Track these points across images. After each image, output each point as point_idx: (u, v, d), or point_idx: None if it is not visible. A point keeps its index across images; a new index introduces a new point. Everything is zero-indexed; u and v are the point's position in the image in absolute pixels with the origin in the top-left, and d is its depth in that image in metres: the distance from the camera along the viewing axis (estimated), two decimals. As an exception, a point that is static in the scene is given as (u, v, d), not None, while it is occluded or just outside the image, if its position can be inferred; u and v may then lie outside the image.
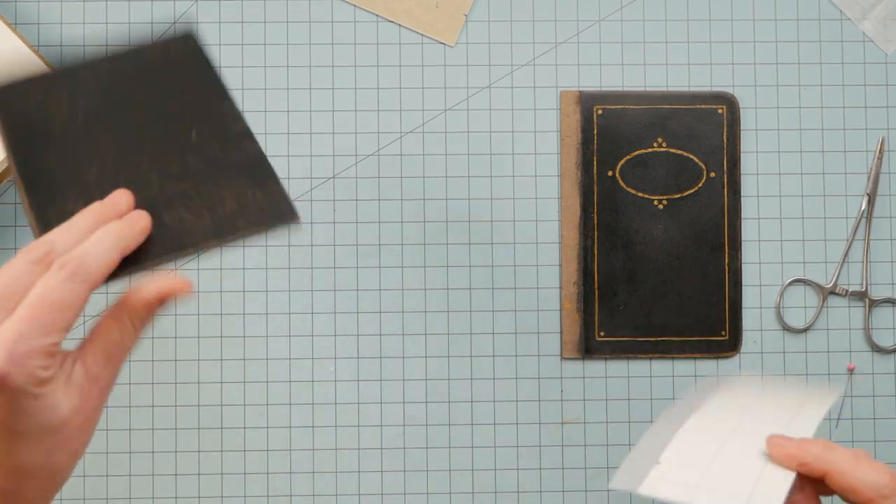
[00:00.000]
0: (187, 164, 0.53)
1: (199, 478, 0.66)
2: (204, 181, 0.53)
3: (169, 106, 0.54)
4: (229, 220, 0.53)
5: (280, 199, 0.53)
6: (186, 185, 0.53)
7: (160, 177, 0.53)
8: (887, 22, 0.69)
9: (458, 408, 0.67)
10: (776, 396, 0.50)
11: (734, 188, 0.68)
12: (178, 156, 0.54)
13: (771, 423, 0.48)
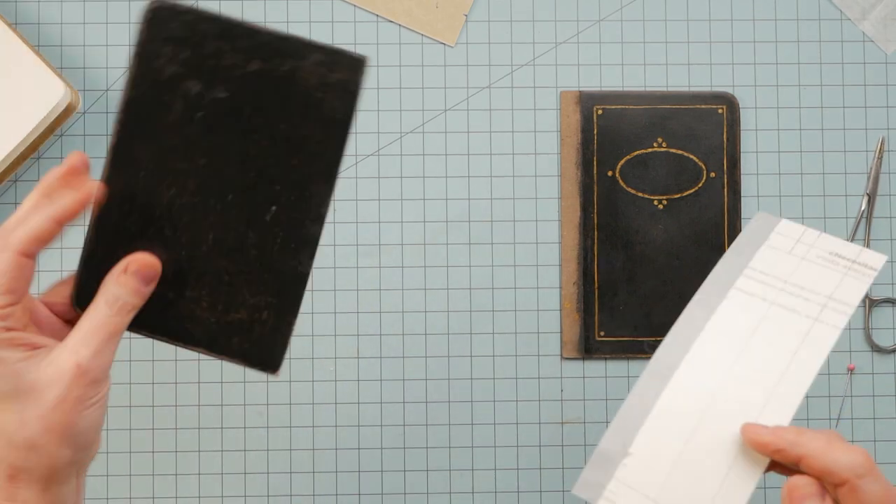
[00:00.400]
0: (244, 243, 0.50)
1: (199, 478, 0.66)
2: (242, 271, 0.51)
3: (277, 157, 0.50)
4: (228, 333, 0.51)
5: (279, 343, 0.51)
6: (228, 265, 0.50)
7: (214, 242, 0.50)
8: (887, 22, 0.69)
9: (458, 408, 0.67)
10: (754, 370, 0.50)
11: (734, 188, 0.68)
12: (243, 227, 0.50)
13: (746, 403, 0.48)
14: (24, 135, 0.62)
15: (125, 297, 0.47)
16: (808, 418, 0.68)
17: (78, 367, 0.45)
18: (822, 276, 0.52)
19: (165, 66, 0.49)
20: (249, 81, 0.49)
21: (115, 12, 0.68)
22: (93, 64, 0.67)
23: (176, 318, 0.50)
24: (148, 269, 0.48)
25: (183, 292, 0.50)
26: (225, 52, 0.49)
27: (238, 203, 0.50)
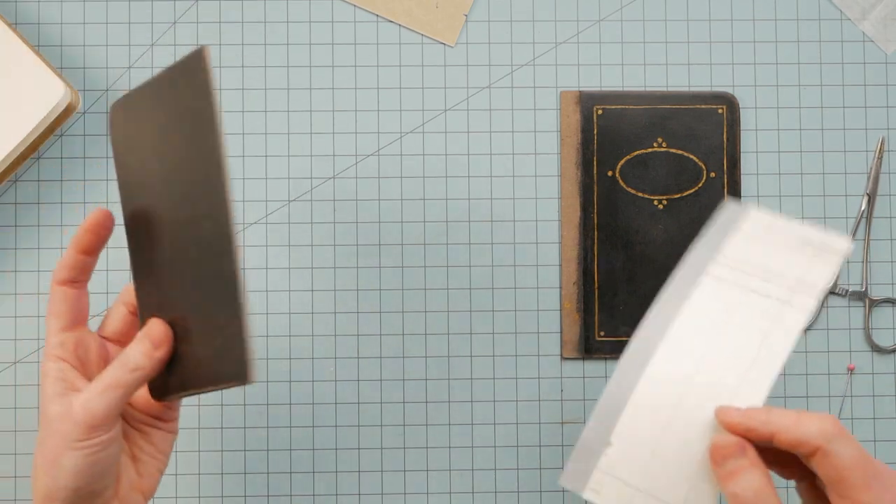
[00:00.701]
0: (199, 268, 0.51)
1: (199, 478, 0.66)
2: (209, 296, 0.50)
3: (185, 167, 0.50)
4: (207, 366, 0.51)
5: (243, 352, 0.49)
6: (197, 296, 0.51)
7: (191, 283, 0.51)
8: (887, 22, 0.69)
9: (458, 408, 0.67)
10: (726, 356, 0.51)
11: (734, 188, 0.68)
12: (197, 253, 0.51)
13: (719, 388, 0.49)
14: (24, 135, 0.62)
15: (133, 356, 0.51)
16: (808, 418, 0.68)
17: (71, 408, 0.49)
18: (792, 261, 0.52)
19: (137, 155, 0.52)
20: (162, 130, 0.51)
21: (115, 12, 0.68)
22: (93, 64, 0.67)
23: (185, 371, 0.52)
24: (156, 332, 0.51)
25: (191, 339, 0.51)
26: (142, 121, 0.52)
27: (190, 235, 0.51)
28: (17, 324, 0.66)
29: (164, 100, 0.50)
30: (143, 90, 0.51)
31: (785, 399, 0.68)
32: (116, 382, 0.50)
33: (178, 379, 0.52)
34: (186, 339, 0.51)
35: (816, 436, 0.45)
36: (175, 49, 0.67)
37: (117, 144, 0.53)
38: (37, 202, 0.67)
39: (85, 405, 0.49)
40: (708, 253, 0.54)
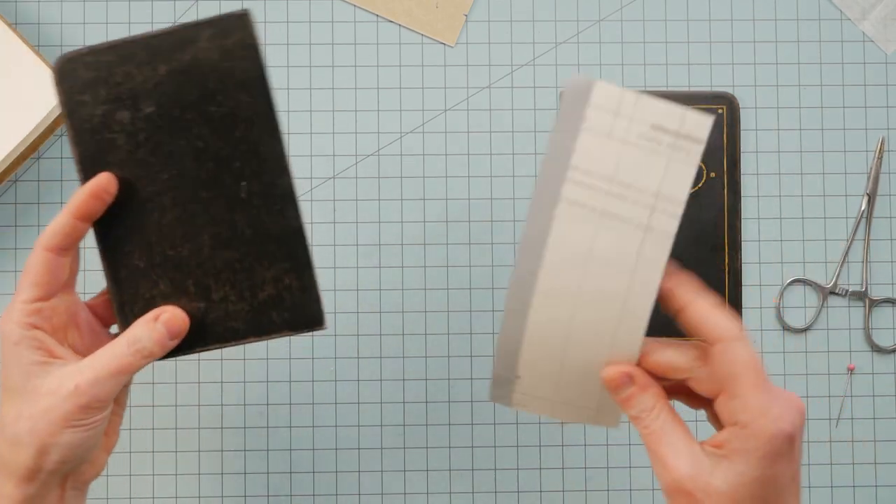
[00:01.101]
0: (236, 228, 0.52)
1: (199, 478, 0.66)
2: (248, 253, 0.53)
3: (222, 137, 0.52)
4: (265, 312, 0.53)
5: (312, 298, 0.53)
6: (233, 254, 0.52)
7: (212, 239, 0.52)
8: (887, 22, 0.69)
9: (458, 408, 0.67)
10: (598, 295, 0.51)
11: (734, 188, 0.68)
12: (228, 214, 0.52)
13: (598, 328, 0.50)
14: (24, 135, 0.62)
15: (147, 342, 0.50)
16: (808, 418, 0.68)
17: (76, 388, 0.47)
18: (647, 165, 0.49)
19: (93, 110, 0.51)
20: (166, 85, 0.51)
21: (115, 12, 0.68)
22: (93, 64, 0.67)
23: (217, 323, 0.53)
24: (177, 322, 0.51)
25: (210, 297, 0.52)
26: (132, 72, 0.52)
27: (212, 196, 0.52)
28: (17, 324, 0.66)
29: (170, 57, 0.51)
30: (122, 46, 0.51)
31: (785, 399, 0.68)
32: (127, 367, 0.49)
33: (203, 334, 0.52)
34: (196, 297, 0.52)
35: (725, 329, 0.47)
36: (175, 49, 0.67)
37: (77, 103, 0.51)
38: (37, 202, 0.67)
39: (93, 387, 0.48)
40: (559, 167, 0.51)
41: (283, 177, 0.52)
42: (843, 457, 0.68)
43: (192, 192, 0.52)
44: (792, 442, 0.46)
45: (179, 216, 0.52)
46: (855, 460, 0.68)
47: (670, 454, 0.47)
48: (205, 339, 0.53)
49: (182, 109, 0.52)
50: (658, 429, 0.48)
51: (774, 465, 0.45)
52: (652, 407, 0.48)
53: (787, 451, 0.45)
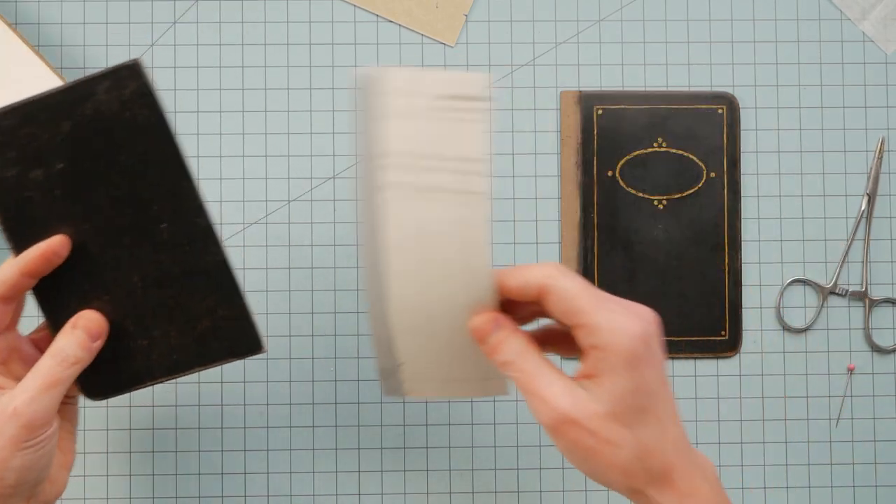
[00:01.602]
0: (163, 267, 0.54)
1: (199, 478, 0.66)
2: (179, 289, 0.55)
3: (136, 183, 0.53)
4: (206, 343, 0.55)
5: (248, 325, 0.55)
6: (166, 292, 0.55)
7: (143, 282, 0.54)
8: (887, 22, 0.69)
9: (457, 407, 0.67)
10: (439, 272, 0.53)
11: (734, 188, 0.68)
12: (153, 256, 0.54)
13: (451, 303, 0.53)
14: (24, 135, 0.62)
15: (70, 349, 0.51)
16: (808, 418, 0.68)
17: (14, 411, 0.49)
18: (449, 134, 0.53)
19: (4, 173, 0.53)
20: (72, 140, 0.53)
21: (115, 12, 0.68)
22: (93, 64, 0.67)
23: (163, 357, 0.55)
24: (94, 324, 0.53)
25: (152, 335, 0.55)
26: (36, 132, 0.53)
27: (136, 240, 0.54)
28: (17, 324, 0.66)
29: (72, 113, 0.52)
30: (21, 109, 0.53)
31: (785, 399, 0.68)
32: (57, 379, 0.50)
33: (129, 374, 0.55)
34: (137, 336, 0.54)
35: (540, 277, 0.49)
36: (175, 49, 0.67)
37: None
38: (37, 202, 0.67)
39: (30, 405, 0.49)
40: (375, 157, 0.53)
41: (200, 216, 0.54)
42: (843, 457, 0.68)
43: (116, 238, 0.54)
44: (647, 344, 0.48)
45: (107, 263, 0.54)
46: (855, 460, 0.68)
47: (549, 390, 0.48)
48: (152, 373, 0.55)
49: (92, 161, 0.53)
50: (532, 368, 0.49)
51: (638, 371, 0.47)
52: (522, 349, 0.50)
53: (647, 355, 0.48)
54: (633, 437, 0.48)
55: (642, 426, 0.48)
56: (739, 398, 0.68)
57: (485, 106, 0.52)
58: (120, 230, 0.54)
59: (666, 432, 0.48)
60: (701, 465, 0.49)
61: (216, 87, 0.67)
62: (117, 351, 0.55)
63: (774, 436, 0.68)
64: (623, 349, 0.48)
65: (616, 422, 0.48)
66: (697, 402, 0.68)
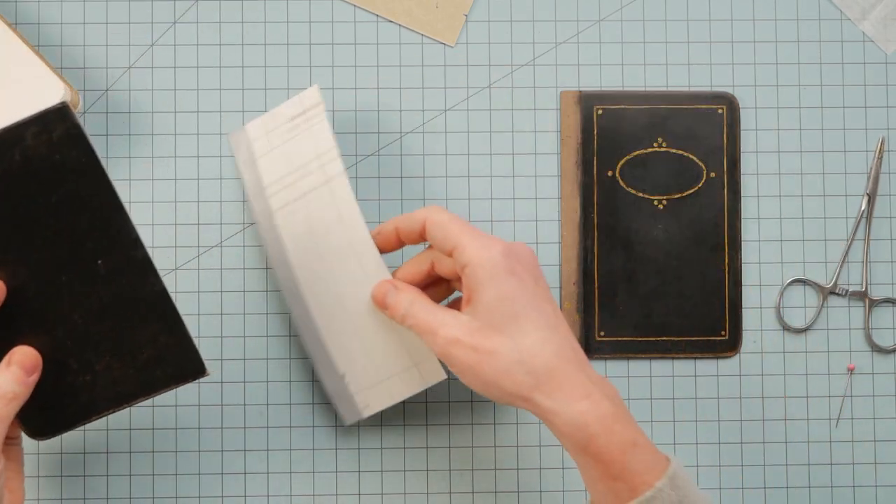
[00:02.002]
0: (102, 301, 0.55)
1: (199, 478, 0.66)
2: (119, 321, 0.55)
3: (69, 221, 0.54)
4: (150, 371, 0.56)
5: (190, 350, 0.56)
6: (106, 325, 0.55)
7: (82, 316, 0.55)
8: (887, 22, 0.69)
9: (458, 408, 0.67)
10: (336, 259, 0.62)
11: (734, 188, 0.68)
12: (91, 290, 0.55)
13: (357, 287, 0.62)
14: (24, 135, 0.62)
15: (8, 386, 0.52)
16: (808, 418, 0.68)
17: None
18: (302, 144, 0.62)
19: None
20: (2, 186, 0.53)
21: (115, 12, 0.68)
22: (93, 64, 0.67)
23: (107, 389, 0.56)
24: (28, 358, 0.53)
25: (94, 369, 0.56)
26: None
27: (72, 276, 0.54)
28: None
29: (0, 159, 0.52)
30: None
31: (785, 399, 0.68)
32: (1, 415, 0.51)
33: (74, 410, 0.56)
34: (79, 371, 0.55)
35: (421, 215, 0.57)
36: (175, 49, 0.67)
37: None
38: (37, 202, 0.67)
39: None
40: (259, 193, 0.63)
41: (135, 248, 0.54)
42: (843, 457, 0.68)
43: (53, 277, 0.54)
44: (508, 257, 0.53)
45: (46, 302, 0.54)
46: (855, 460, 0.68)
47: (435, 323, 0.55)
48: (97, 407, 0.56)
49: (24, 205, 0.53)
50: (421, 312, 0.56)
51: (502, 280, 0.53)
52: (413, 299, 0.57)
53: (509, 265, 0.53)
54: (510, 342, 0.52)
55: (518, 332, 0.53)
56: (739, 398, 0.68)
57: (321, 108, 0.62)
58: (56, 268, 0.54)
59: (547, 340, 0.52)
60: (598, 382, 0.52)
61: (216, 87, 0.67)
62: (60, 388, 0.55)
63: (774, 436, 0.68)
64: (484, 260, 0.53)
65: (492, 330, 0.53)
66: (697, 402, 0.68)
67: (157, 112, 0.67)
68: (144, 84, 0.67)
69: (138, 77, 0.67)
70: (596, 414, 0.51)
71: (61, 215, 0.53)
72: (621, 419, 0.51)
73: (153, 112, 0.67)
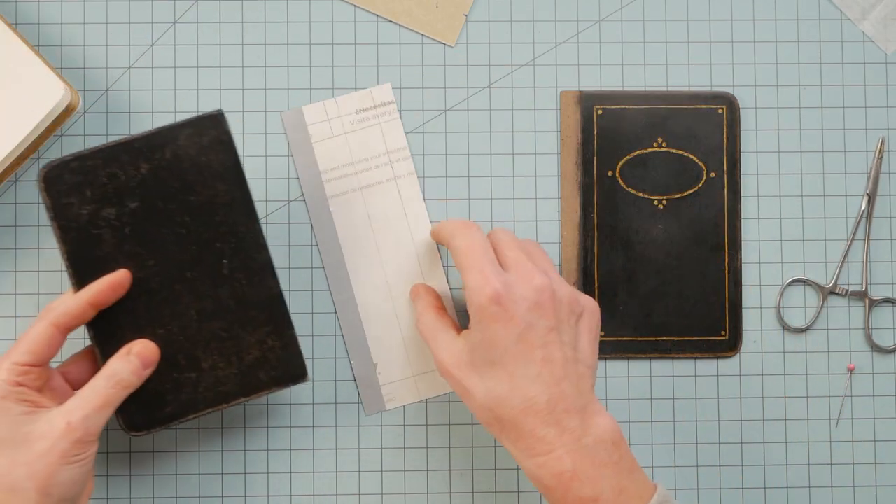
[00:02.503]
0: (220, 301, 0.58)
1: (199, 478, 0.66)
2: (233, 321, 0.58)
3: (203, 222, 0.57)
4: (253, 373, 0.59)
5: (295, 355, 0.59)
6: (219, 325, 0.58)
7: (199, 314, 0.58)
8: (887, 22, 0.69)
9: (458, 408, 0.67)
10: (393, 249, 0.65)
11: (734, 188, 0.68)
12: (212, 290, 0.58)
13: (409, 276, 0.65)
14: (24, 135, 0.62)
15: (124, 374, 0.55)
16: (808, 418, 0.68)
17: (68, 426, 0.52)
18: (369, 138, 0.64)
19: (79, 210, 0.57)
20: (148, 181, 0.57)
21: (115, 12, 0.68)
22: (93, 64, 0.67)
23: (208, 389, 0.58)
24: (149, 351, 0.57)
25: (200, 367, 0.58)
26: (116, 172, 0.57)
27: (196, 275, 0.58)
28: (16, 324, 0.66)
29: (151, 156, 0.57)
30: (106, 151, 0.57)
31: (785, 399, 0.68)
32: (110, 400, 0.54)
33: (174, 407, 0.58)
34: (186, 368, 0.58)
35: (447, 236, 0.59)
36: (175, 49, 0.67)
37: (63, 205, 0.56)
38: (36, 202, 0.67)
39: (84, 422, 0.53)
40: (314, 178, 0.64)
41: (260, 252, 0.58)
42: (844, 457, 0.68)
43: (178, 274, 0.57)
44: (498, 304, 0.54)
45: (167, 297, 0.57)
46: (855, 460, 0.68)
47: (435, 344, 0.58)
48: (196, 406, 0.58)
49: (164, 201, 0.57)
50: (426, 326, 0.59)
51: (486, 326, 0.54)
52: (423, 311, 0.60)
53: (496, 314, 0.54)
54: (483, 385, 0.55)
55: (491, 378, 0.54)
56: (739, 398, 0.68)
57: (394, 107, 0.64)
58: (182, 266, 0.57)
59: (517, 388, 0.54)
60: (573, 432, 0.53)
61: (216, 88, 0.67)
62: (165, 384, 0.58)
63: (774, 436, 0.68)
64: (474, 305, 0.55)
65: (473, 370, 0.55)
66: (697, 402, 0.68)
67: (157, 112, 0.67)
68: (144, 84, 0.67)
69: (138, 77, 0.67)
70: (552, 471, 0.53)
71: (197, 215, 0.57)
72: (583, 476, 0.52)
73: (153, 112, 0.67)
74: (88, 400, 0.54)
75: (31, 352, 0.54)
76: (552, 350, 0.54)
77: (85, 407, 0.53)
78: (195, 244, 0.57)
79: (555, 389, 0.54)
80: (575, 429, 0.53)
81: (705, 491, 0.67)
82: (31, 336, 0.54)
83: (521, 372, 0.54)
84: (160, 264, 0.57)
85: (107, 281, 0.56)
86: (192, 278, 0.57)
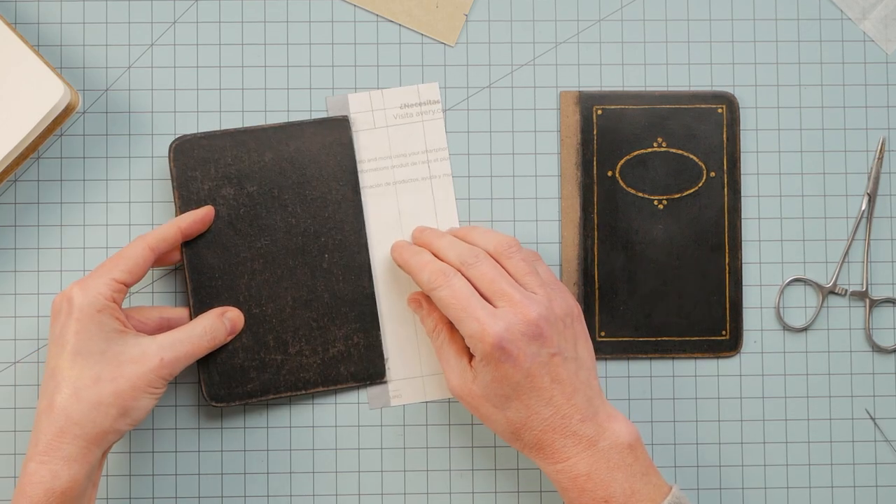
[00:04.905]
0: (316, 292, 0.62)
1: (199, 478, 0.66)
2: (324, 313, 0.62)
3: (313, 215, 0.62)
4: (334, 366, 0.63)
5: (377, 355, 0.63)
6: (311, 314, 0.62)
7: (294, 301, 0.62)
8: (887, 22, 0.69)
9: (458, 408, 0.67)
10: None
11: (734, 188, 0.68)
12: (310, 280, 0.62)
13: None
14: (24, 135, 0.62)
15: (218, 332, 0.60)
16: (808, 418, 0.68)
17: (161, 361, 0.57)
18: (410, 134, 0.65)
19: (201, 185, 0.62)
20: (269, 169, 0.62)
21: (115, 12, 0.68)
22: (92, 64, 0.67)
23: (291, 374, 0.62)
24: (238, 321, 0.62)
25: (287, 351, 0.62)
26: (242, 156, 0.62)
27: (298, 264, 0.62)
28: (16, 324, 0.66)
29: (277, 146, 0.62)
30: (236, 135, 0.62)
31: (785, 399, 0.68)
32: (198, 351, 0.59)
33: (256, 384, 0.62)
34: (274, 350, 0.62)
35: (425, 286, 0.59)
36: (175, 49, 0.67)
37: (188, 177, 0.61)
38: (36, 202, 0.67)
39: (174, 363, 0.57)
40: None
41: (361, 252, 0.62)
42: (844, 457, 0.68)
43: (282, 259, 0.62)
44: (502, 349, 0.56)
45: (268, 279, 0.62)
46: (855, 460, 0.68)
47: (445, 367, 0.60)
48: (277, 387, 0.62)
49: (280, 190, 0.62)
50: (438, 348, 0.61)
51: (498, 368, 0.57)
52: (431, 328, 0.61)
53: (502, 357, 0.56)
54: (502, 415, 0.58)
55: (508, 408, 0.58)
56: (740, 398, 0.68)
57: (439, 106, 0.65)
58: (287, 253, 0.62)
59: (535, 414, 0.57)
60: (589, 437, 0.57)
61: (216, 87, 0.67)
62: (252, 361, 0.62)
63: (774, 436, 0.68)
64: (478, 352, 0.57)
65: (488, 402, 0.58)
66: (697, 402, 0.68)
67: (156, 112, 0.67)
68: (144, 84, 0.67)
69: (138, 77, 0.67)
70: (568, 475, 0.57)
71: (308, 208, 0.61)
72: (596, 479, 0.57)
73: (153, 112, 0.67)
74: (183, 344, 0.58)
75: (129, 271, 0.57)
76: (558, 371, 0.58)
77: (178, 349, 0.57)
78: (302, 235, 0.61)
79: (568, 406, 0.58)
80: (591, 435, 0.57)
81: (705, 491, 0.67)
82: (129, 255, 0.58)
83: (534, 400, 0.57)
84: (267, 248, 0.61)
85: (195, 213, 0.61)
86: (294, 266, 0.61)
